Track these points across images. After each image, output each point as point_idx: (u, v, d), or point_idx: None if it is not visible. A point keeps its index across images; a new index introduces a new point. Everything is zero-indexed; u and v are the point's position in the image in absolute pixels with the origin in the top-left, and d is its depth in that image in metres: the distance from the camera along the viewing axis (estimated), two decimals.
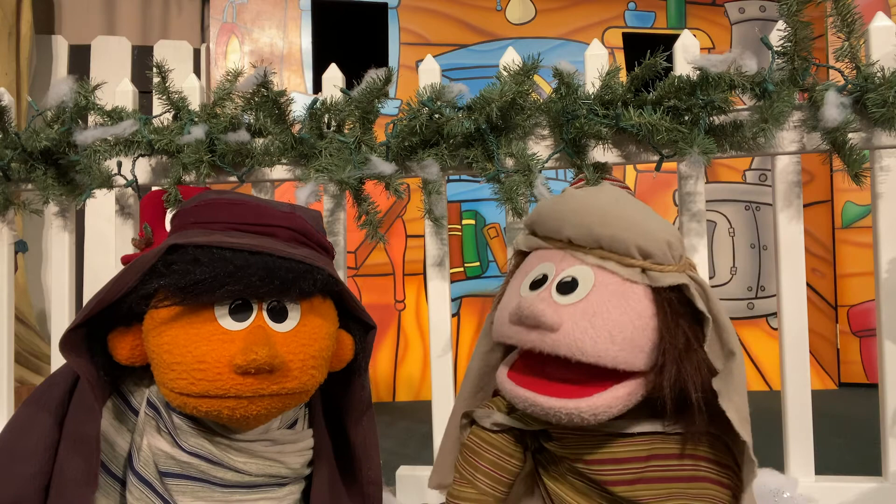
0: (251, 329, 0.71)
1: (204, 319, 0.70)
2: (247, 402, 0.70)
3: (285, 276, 0.71)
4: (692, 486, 0.74)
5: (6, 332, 1.63)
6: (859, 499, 1.31)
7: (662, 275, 0.74)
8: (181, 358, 0.69)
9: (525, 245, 0.86)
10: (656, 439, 0.76)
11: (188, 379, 0.69)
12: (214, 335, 0.70)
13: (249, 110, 1.45)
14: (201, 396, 0.69)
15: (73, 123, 1.46)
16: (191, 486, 0.76)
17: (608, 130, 1.28)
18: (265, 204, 0.83)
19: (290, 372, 0.71)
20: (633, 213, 0.78)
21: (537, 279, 0.78)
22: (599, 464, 0.76)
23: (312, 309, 0.76)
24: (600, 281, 0.74)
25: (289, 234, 0.79)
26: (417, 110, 1.34)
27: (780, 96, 1.20)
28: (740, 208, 3.70)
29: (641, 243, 0.74)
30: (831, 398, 3.16)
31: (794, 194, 1.37)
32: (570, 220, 0.78)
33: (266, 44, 3.45)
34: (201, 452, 0.75)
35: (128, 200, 1.60)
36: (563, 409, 0.70)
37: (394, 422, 2.71)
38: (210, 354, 0.69)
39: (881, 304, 1.33)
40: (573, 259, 0.77)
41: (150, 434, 0.76)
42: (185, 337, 0.70)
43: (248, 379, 0.69)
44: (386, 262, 3.40)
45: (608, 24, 3.70)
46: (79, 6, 3.39)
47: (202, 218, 0.79)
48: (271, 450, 0.79)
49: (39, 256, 3.12)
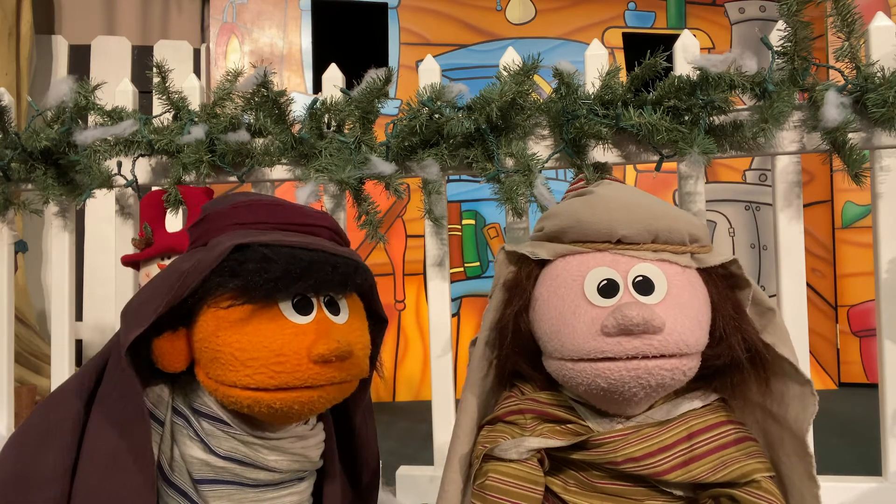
0: (318, 321, 0.74)
1: (271, 315, 0.73)
2: (319, 391, 0.73)
3: (345, 271, 0.75)
4: (739, 448, 0.75)
5: (6, 332, 1.63)
6: (859, 499, 1.31)
7: (709, 256, 0.79)
8: (257, 353, 0.71)
9: (550, 253, 0.81)
10: (690, 417, 0.77)
11: (266, 373, 0.71)
12: (287, 329, 0.72)
13: (249, 110, 1.45)
14: (279, 389, 0.71)
15: (73, 123, 1.46)
16: (226, 490, 0.76)
17: (608, 130, 1.28)
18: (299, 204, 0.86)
19: (357, 360, 0.76)
20: (665, 204, 0.82)
21: (603, 285, 0.74)
22: (650, 457, 0.75)
23: (353, 302, 0.80)
24: (668, 273, 0.75)
25: (328, 234, 0.83)
26: (417, 110, 1.34)
27: (780, 96, 1.20)
28: (740, 208, 3.70)
29: (691, 230, 0.78)
30: (831, 398, 3.16)
31: (794, 194, 1.37)
32: (621, 219, 0.77)
33: (266, 44, 3.45)
34: (235, 456, 0.76)
35: (128, 200, 1.60)
36: (666, 365, 0.70)
37: (394, 422, 2.71)
38: (287, 346, 0.71)
39: (881, 304, 1.33)
40: (629, 259, 0.76)
41: (182, 442, 0.76)
42: (258, 333, 0.72)
43: (324, 367, 0.72)
44: (386, 262, 3.40)
45: (608, 24, 3.70)
46: (79, 6, 3.39)
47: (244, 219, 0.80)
48: (297, 445, 0.80)
49: (39, 256, 3.12)
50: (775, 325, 0.79)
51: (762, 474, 0.74)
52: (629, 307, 0.69)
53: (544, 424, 0.80)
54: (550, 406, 0.81)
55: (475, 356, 0.87)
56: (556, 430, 0.79)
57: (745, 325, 0.77)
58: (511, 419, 0.82)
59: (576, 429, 0.79)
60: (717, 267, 0.78)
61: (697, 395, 0.79)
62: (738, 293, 0.80)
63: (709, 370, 0.77)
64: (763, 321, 0.80)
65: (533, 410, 0.81)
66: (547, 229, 0.83)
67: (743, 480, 0.73)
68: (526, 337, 0.81)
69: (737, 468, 0.73)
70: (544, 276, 0.81)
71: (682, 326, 0.71)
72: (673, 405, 0.78)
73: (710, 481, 0.74)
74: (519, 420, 0.81)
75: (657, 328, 0.69)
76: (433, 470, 1.47)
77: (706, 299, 0.77)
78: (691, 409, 0.78)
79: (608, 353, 0.71)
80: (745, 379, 0.80)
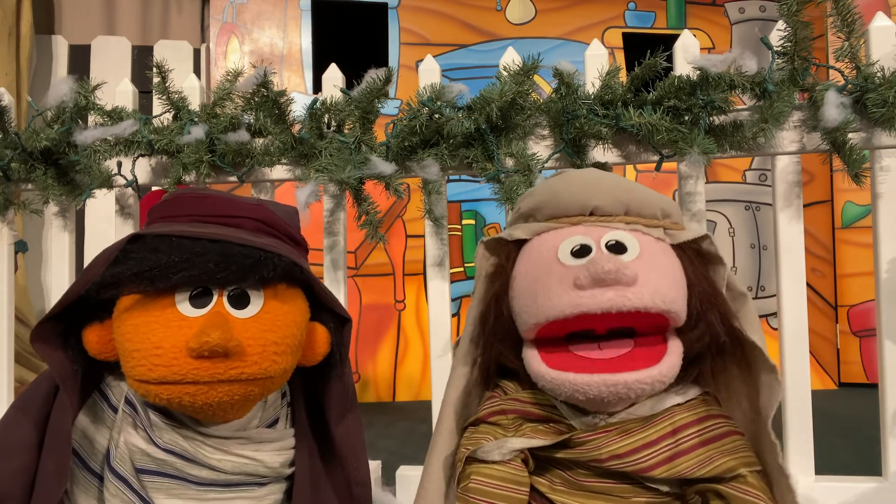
0: (209, 315, 0.71)
1: (163, 306, 0.71)
2: (206, 387, 0.70)
3: (243, 262, 0.72)
4: (724, 442, 0.75)
5: (6, 332, 1.63)
6: (859, 499, 1.31)
7: (680, 232, 0.79)
8: (140, 345, 0.70)
9: (527, 233, 0.81)
10: (675, 411, 0.77)
11: (146, 365, 0.69)
12: (172, 321, 0.70)
13: (249, 110, 1.45)
14: (160, 383, 0.69)
15: (73, 123, 1.46)
16: (166, 483, 0.76)
17: (608, 130, 1.28)
18: (231, 197, 0.83)
19: (248, 357, 0.71)
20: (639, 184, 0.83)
21: (575, 249, 0.74)
22: (634, 453, 0.74)
23: (276, 296, 0.76)
24: (641, 241, 0.75)
25: (254, 225, 0.80)
26: (417, 110, 1.34)
27: (780, 96, 1.20)
28: (740, 208, 3.70)
29: (663, 205, 0.79)
30: (831, 398, 3.16)
31: (794, 194, 1.37)
32: (594, 191, 0.78)
33: (266, 44, 3.45)
34: (175, 449, 0.75)
35: (128, 200, 1.60)
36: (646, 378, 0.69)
37: (394, 422, 2.71)
38: (167, 340, 0.69)
39: (881, 304, 1.33)
40: (602, 228, 0.76)
41: (127, 431, 0.77)
42: (143, 324, 0.70)
43: (205, 363, 0.69)
44: (386, 262, 3.40)
45: (608, 24, 3.70)
46: (79, 6, 3.39)
47: (168, 212, 0.81)
48: (247, 447, 0.78)
49: (39, 256, 3.12)
50: (747, 309, 0.79)
51: (748, 468, 0.73)
52: (601, 257, 0.69)
53: (527, 424, 0.79)
54: (532, 405, 0.80)
55: (458, 355, 0.87)
56: (539, 430, 0.78)
57: (721, 302, 0.76)
58: (493, 420, 0.81)
59: (559, 427, 0.78)
60: (690, 243, 0.78)
61: (681, 389, 0.78)
62: (712, 273, 0.79)
63: (690, 357, 0.76)
64: (735, 305, 0.79)
65: (515, 410, 0.81)
66: (523, 208, 0.84)
67: (729, 475, 0.73)
68: (507, 321, 0.80)
69: (722, 463, 0.73)
70: (521, 255, 0.81)
71: (656, 282, 0.70)
72: (657, 400, 0.77)
73: (695, 476, 0.73)
74: (501, 420, 0.81)
75: (629, 278, 0.68)
76: None
77: (681, 271, 0.76)
78: (676, 403, 0.77)
79: (583, 306, 0.69)
80: (729, 368, 0.80)
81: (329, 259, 1.53)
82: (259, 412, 0.83)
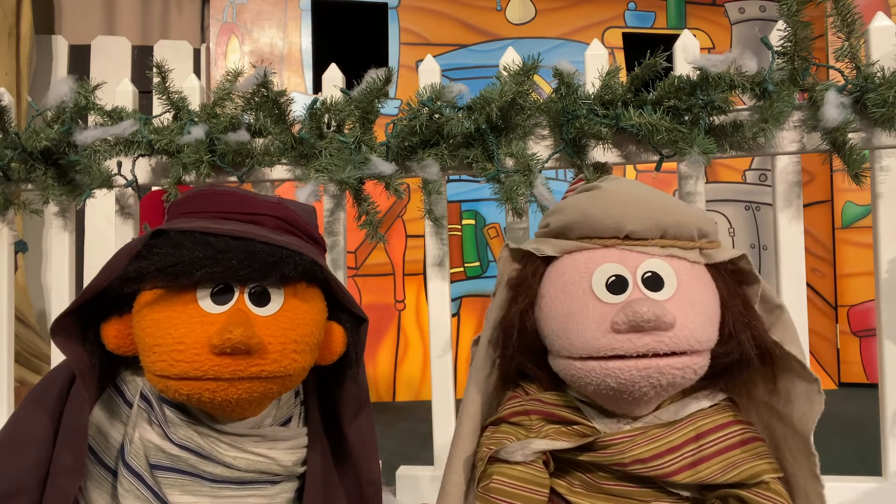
0: (230, 311, 0.71)
1: (185, 302, 0.71)
2: (226, 384, 0.70)
3: (265, 260, 0.72)
4: (747, 448, 0.75)
5: (6, 332, 1.63)
6: (859, 499, 1.31)
7: (717, 251, 0.78)
8: (161, 340, 0.70)
9: (556, 250, 0.79)
10: (698, 417, 0.77)
11: (168, 360, 0.70)
12: (194, 317, 0.70)
13: (249, 110, 1.45)
14: (181, 378, 0.70)
15: (73, 123, 1.46)
16: (180, 479, 0.76)
17: (608, 130, 1.28)
18: (253, 194, 0.83)
19: (268, 354, 0.71)
20: (673, 198, 0.80)
21: (611, 282, 0.73)
22: (658, 458, 0.74)
23: (296, 294, 0.76)
24: (677, 269, 0.74)
25: (275, 223, 0.80)
26: (417, 110, 1.34)
27: (780, 96, 1.20)
28: (740, 208, 3.70)
29: (700, 225, 0.78)
30: (831, 398, 3.14)
31: (794, 194, 1.37)
32: (630, 214, 0.76)
33: (266, 44, 3.45)
34: (190, 445, 0.75)
35: (128, 200, 1.60)
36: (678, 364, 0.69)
37: (394, 422, 2.71)
38: (189, 335, 0.69)
39: (881, 304, 1.33)
40: (637, 254, 0.75)
41: (142, 426, 0.77)
42: (165, 318, 0.71)
43: (226, 360, 0.69)
44: (386, 262, 3.40)
45: (608, 24, 3.70)
46: (79, 6, 3.39)
47: (189, 208, 0.81)
48: (261, 445, 0.78)
49: (39, 256, 3.12)
50: (783, 322, 0.79)
51: (771, 475, 0.74)
52: (640, 303, 0.68)
53: (550, 426, 0.79)
54: (556, 407, 0.80)
55: (478, 355, 0.86)
56: (563, 432, 0.78)
57: (754, 321, 0.76)
58: (516, 420, 0.81)
59: (582, 430, 0.78)
60: (726, 262, 0.78)
61: (705, 394, 0.79)
62: (746, 289, 0.79)
63: (716, 368, 0.76)
64: (771, 318, 0.79)
65: (538, 411, 0.80)
66: (553, 225, 0.82)
67: (752, 481, 0.73)
68: (531, 335, 0.80)
69: (746, 469, 0.73)
70: (550, 273, 0.79)
71: (692, 322, 0.70)
72: (680, 405, 0.78)
73: (718, 482, 0.73)
74: (524, 421, 0.80)
75: (668, 324, 0.68)
76: (433, 470, 1.47)
77: (715, 295, 0.76)
78: (699, 409, 0.78)
79: (618, 350, 0.69)
80: (752, 377, 0.80)
81: (329, 259, 1.53)
82: (273, 410, 0.83)
